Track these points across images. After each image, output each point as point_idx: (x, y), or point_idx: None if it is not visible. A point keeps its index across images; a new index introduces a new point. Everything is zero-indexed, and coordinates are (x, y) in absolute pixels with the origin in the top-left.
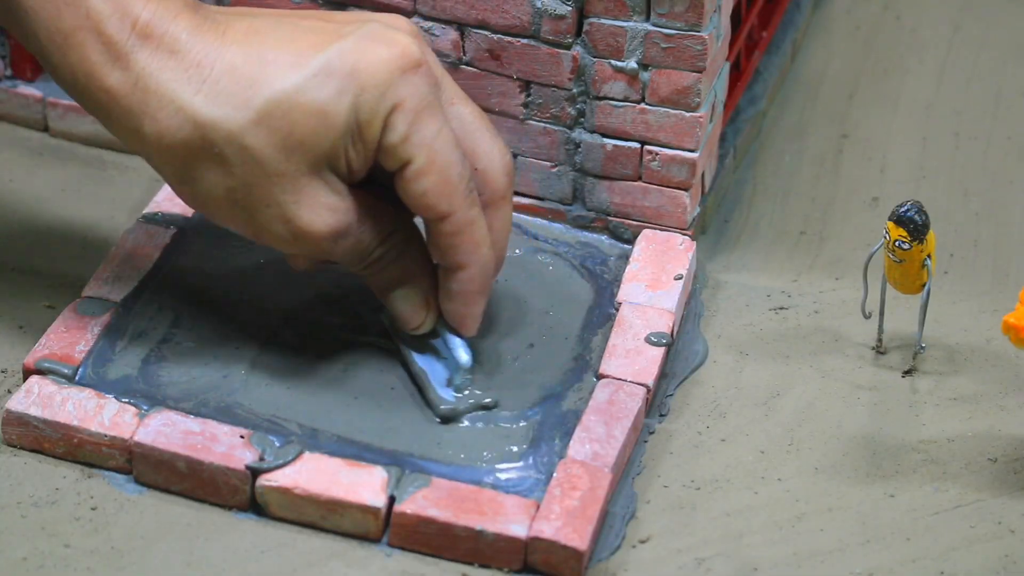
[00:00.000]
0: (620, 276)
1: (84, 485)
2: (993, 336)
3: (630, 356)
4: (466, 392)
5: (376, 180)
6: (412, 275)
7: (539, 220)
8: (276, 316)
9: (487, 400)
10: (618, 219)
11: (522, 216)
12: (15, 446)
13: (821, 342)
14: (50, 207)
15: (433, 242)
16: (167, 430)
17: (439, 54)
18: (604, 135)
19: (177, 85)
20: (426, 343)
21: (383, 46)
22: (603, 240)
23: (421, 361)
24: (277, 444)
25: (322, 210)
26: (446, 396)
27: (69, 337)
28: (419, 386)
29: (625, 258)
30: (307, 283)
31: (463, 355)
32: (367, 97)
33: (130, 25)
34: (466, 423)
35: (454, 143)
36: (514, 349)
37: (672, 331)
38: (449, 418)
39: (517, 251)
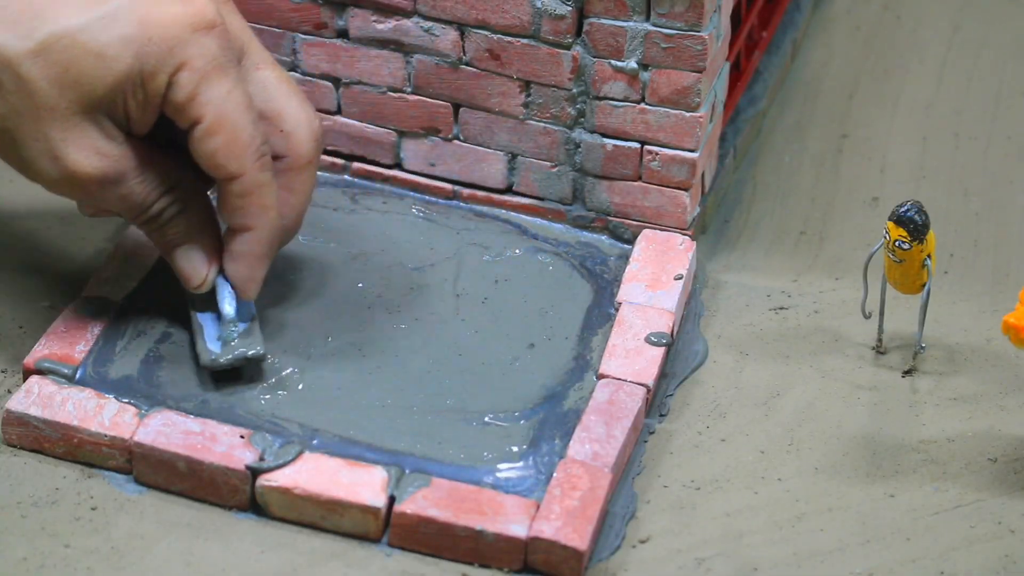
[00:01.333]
0: (620, 276)
1: (84, 485)
2: (993, 336)
3: (630, 356)
4: (233, 343)
5: (173, 139)
6: (194, 233)
7: (539, 220)
8: (275, 315)
9: (251, 352)
10: (618, 219)
11: (522, 216)
12: (15, 446)
13: (821, 342)
14: (50, 207)
15: (222, 202)
16: (167, 430)
17: (439, 54)
18: (604, 135)
19: None
20: (209, 301)
21: (178, 3)
22: (603, 240)
23: (200, 316)
24: (277, 444)
25: (90, 153)
26: (212, 348)
27: (69, 337)
28: (193, 338)
29: (625, 258)
30: (306, 282)
31: (228, 308)
32: (152, 49)
33: None
34: (456, 432)
35: (246, 106)
36: (514, 349)
37: (672, 331)
38: (211, 369)
39: (517, 251)
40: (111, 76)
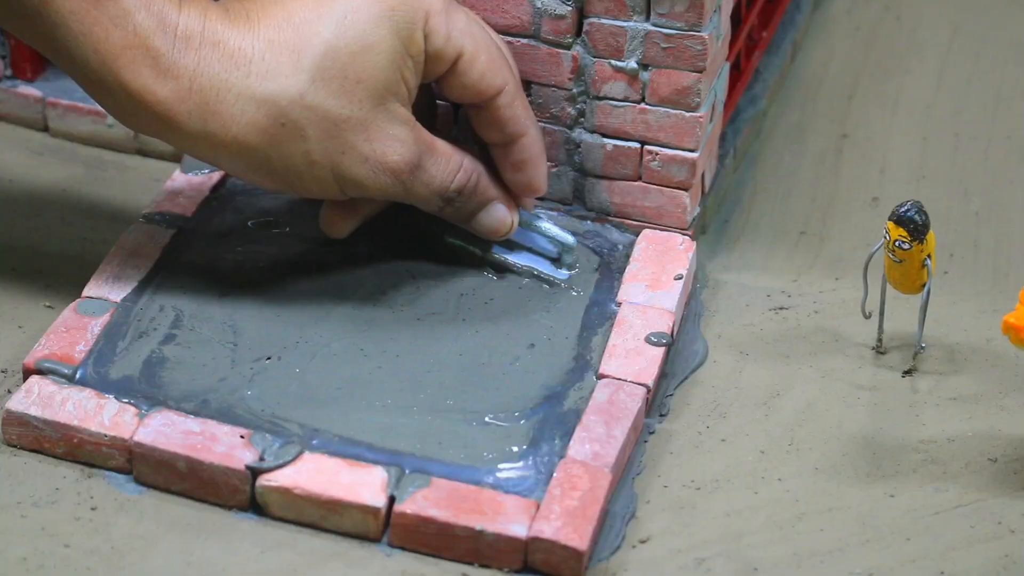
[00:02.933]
0: (624, 267)
1: (84, 485)
2: (993, 336)
3: (630, 356)
4: (576, 268)
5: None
6: (491, 194)
7: (545, 212)
8: (275, 315)
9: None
10: (618, 219)
11: (524, 212)
12: (15, 446)
13: (821, 342)
14: (50, 207)
15: (491, 121)
16: (167, 430)
17: None
18: (604, 135)
19: (228, 75)
20: (514, 244)
21: None
22: (610, 229)
23: (522, 260)
24: (277, 444)
25: (394, 141)
26: (564, 276)
27: (69, 337)
28: (539, 280)
29: (630, 246)
30: (306, 281)
31: (567, 236)
32: (400, 15)
33: (172, 34)
34: (456, 432)
35: (480, 22)
36: (514, 349)
37: (672, 331)
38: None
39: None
40: (384, 58)
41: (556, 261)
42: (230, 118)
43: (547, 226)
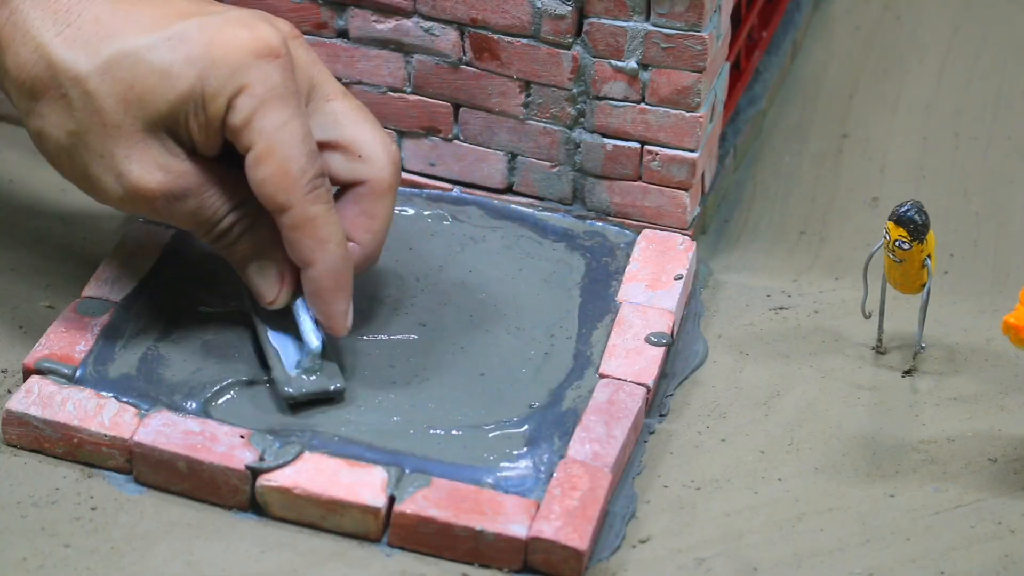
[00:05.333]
0: (624, 267)
1: (84, 485)
2: (993, 336)
3: (630, 356)
4: (313, 377)
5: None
6: (266, 248)
7: (544, 212)
8: (276, 315)
9: (332, 387)
10: (618, 219)
11: (525, 211)
12: (15, 446)
13: (821, 342)
14: (50, 207)
15: (282, 235)
16: (167, 430)
17: (439, 54)
18: (604, 135)
19: (42, 24)
20: (285, 321)
21: (244, 29)
22: (610, 228)
23: (275, 339)
24: (277, 444)
25: (153, 168)
26: (290, 377)
27: (69, 337)
28: (269, 364)
29: (631, 246)
30: None
31: (314, 340)
32: (215, 71)
33: None
34: (456, 432)
35: (301, 139)
36: (515, 348)
37: (672, 331)
38: (290, 400)
39: (521, 245)
40: (174, 94)
41: (299, 364)
42: (23, 63)
43: (304, 317)
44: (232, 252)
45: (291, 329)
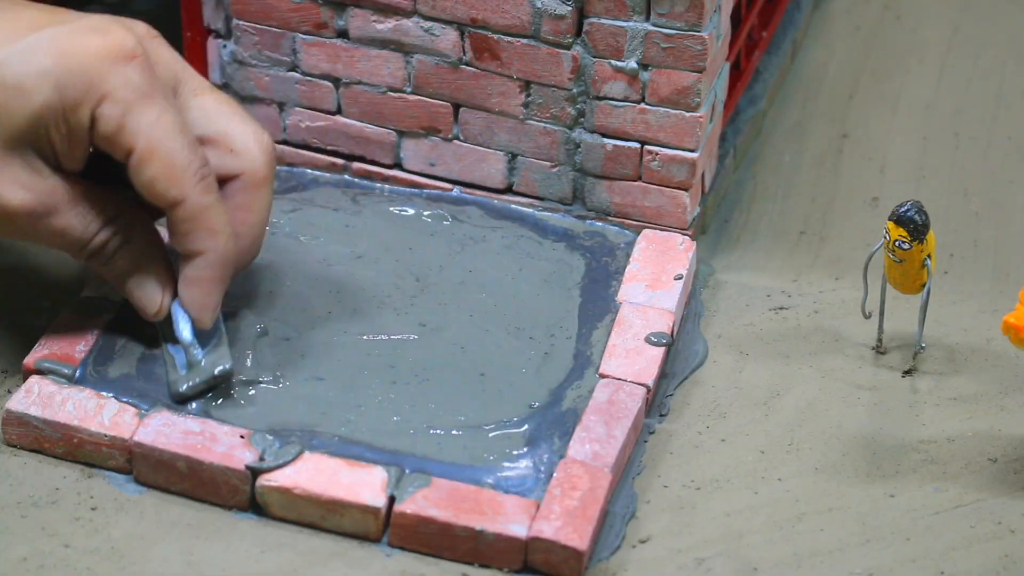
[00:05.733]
0: (624, 267)
1: (84, 485)
2: (993, 336)
3: (630, 356)
4: (200, 365)
5: (115, 173)
6: (143, 262)
7: (544, 212)
8: (275, 315)
9: (217, 370)
10: (618, 219)
11: (525, 211)
12: (15, 446)
13: (821, 342)
14: None
15: (170, 230)
16: (167, 430)
17: (439, 54)
18: (604, 135)
19: None
20: (170, 320)
21: (96, 35)
22: (610, 229)
23: (171, 348)
24: (277, 444)
25: (15, 187)
26: (179, 376)
27: (69, 337)
28: (163, 363)
29: (631, 246)
30: (306, 281)
31: (185, 333)
32: (72, 81)
33: None
34: (456, 432)
35: (179, 131)
36: (515, 347)
37: (672, 331)
38: (179, 399)
39: (521, 244)
40: (30, 108)
41: (187, 360)
42: None
43: (178, 314)
44: (110, 269)
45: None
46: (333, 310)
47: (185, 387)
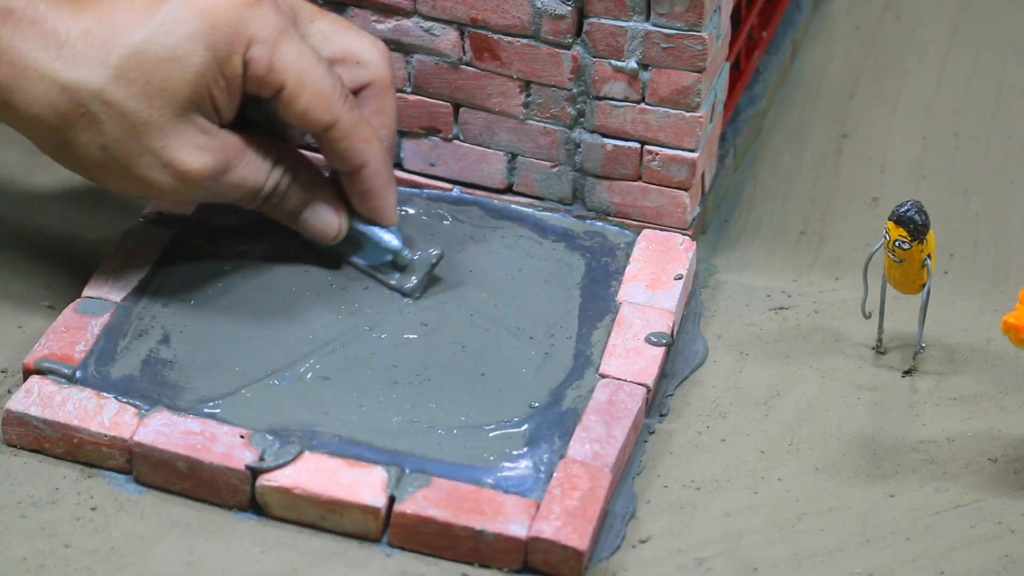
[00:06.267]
0: (624, 267)
1: (84, 485)
2: (993, 336)
3: (630, 356)
4: (414, 260)
5: (251, 121)
6: (313, 193)
7: (546, 212)
8: (276, 315)
9: (433, 258)
10: (618, 219)
11: (525, 211)
12: (15, 446)
13: (821, 342)
14: (50, 207)
15: (329, 152)
16: (167, 430)
17: (439, 54)
18: (604, 135)
19: (37, 54)
20: (358, 244)
21: None
22: (610, 228)
23: (363, 260)
24: (277, 444)
25: (194, 150)
26: (402, 279)
27: (69, 337)
28: (378, 281)
29: (631, 246)
30: (307, 281)
31: (393, 241)
32: (219, 36)
33: None
34: (456, 432)
35: (317, 58)
36: (515, 347)
37: (672, 331)
38: (418, 293)
39: (521, 244)
40: (191, 73)
41: (396, 266)
42: (33, 97)
43: (372, 230)
44: (282, 209)
45: (367, 247)
46: (333, 310)
47: (411, 284)
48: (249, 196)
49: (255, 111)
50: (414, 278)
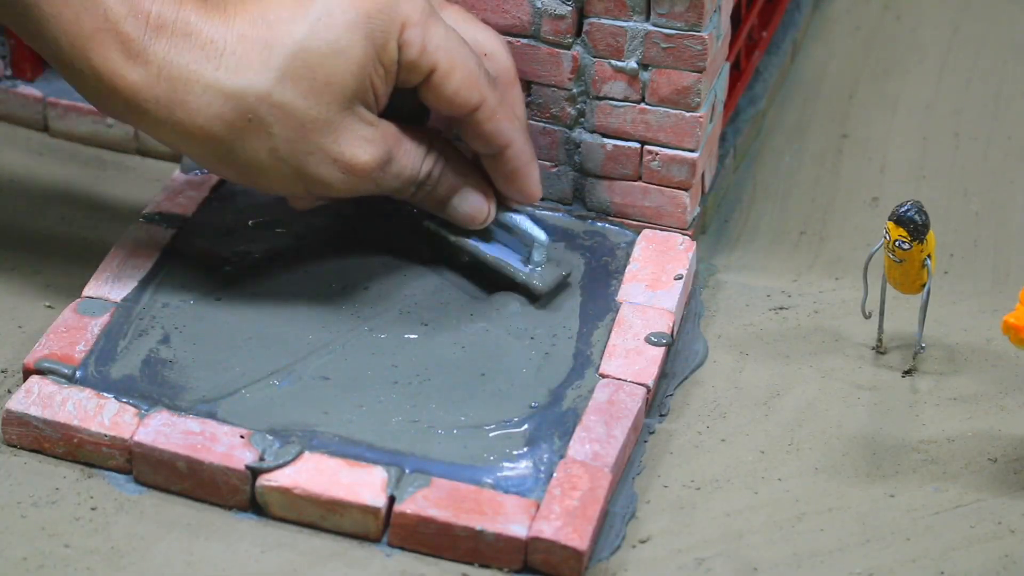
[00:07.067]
0: (624, 267)
1: (84, 485)
2: (993, 336)
3: (630, 356)
4: (547, 263)
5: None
6: (463, 178)
7: (544, 212)
8: (276, 315)
9: (565, 273)
10: (618, 219)
11: (525, 208)
12: (15, 446)
13: (821, 342)
14: (50, 207)
15: (474, 135)
16: (167, 430)
17: None
18: (604, 135)
19: (197, 66)
20: (487, 234)
21: None
22: (610, 228)
23: (493, 251)
24: (277, 444)
25: (360, 142)
26: (534, 275)
27: (69, 337)
28: (503, 275)
29: (631, 246)
30: (307, 281)
31: (540, 233)
32: (375, 23)
33: (144, 20)
34: (456, 432)
35: (461, 39)
36: (515, 347)
37: (672, 331)
38: (543, 294)
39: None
40: (355, 64)
41: (527, 258)
42: (196, 109)
43: (520, 219)
44: (434, 197)
45: (497, 238)
46: (334, 310)
47: (541, 283)
48: (407, 184)
49: (399, 104)
50: (548, 278)
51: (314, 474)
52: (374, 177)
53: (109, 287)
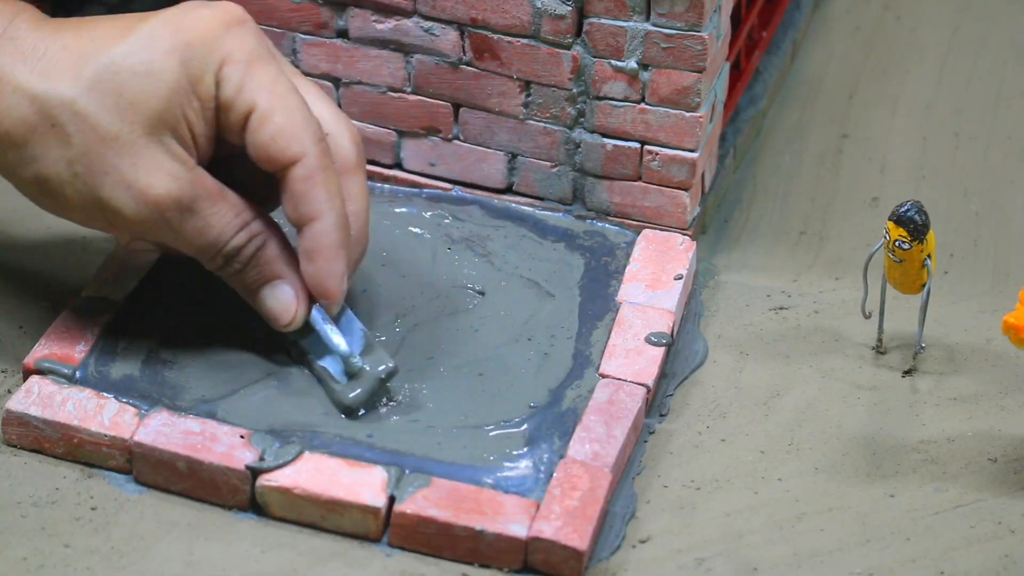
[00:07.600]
0: (624, 267)
1: (84, 485)
2: (993, 336)
3: (630, 356)
4: (362, 372)
5: (234, 180)
6: (277, 270)
7: (546, 212)
8: None
9: (382, 371)
10: (618, 219)
11: (525, 211)
12: (15, 446)
13: (821, 342)
14: None
15: (287, 195)
16: (167, 430)
17: (439, 54)
18: (604, 135)
19: (13, 68)
20: (319, 341)
21: (207, 8)
22: (609, 228)
23: (320, 362)
24: (277, 444)
25: (162, 175)
26: (345, 388)
27: (69, 337)
28: (322, 386)
29: (631, 246)
30: None
31: (339, 343)
32: (193, 53)
33: None
34: (456, 432)
35: (295, 89)
36: (515, 347)
37: (672, 331)
38: (355, 408)
39: (521, 244)
40: (163, 88)
41: (346, 372)
42: (4, 109)
43: (324, 325)
44: (243, 280)
45: (325, 348)
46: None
47: (352, 396)
48: (211, 249)
49: (243, 171)
50: (358, 389)
51: (314, 474)
52: (168, 217)
53: (109, 287)
